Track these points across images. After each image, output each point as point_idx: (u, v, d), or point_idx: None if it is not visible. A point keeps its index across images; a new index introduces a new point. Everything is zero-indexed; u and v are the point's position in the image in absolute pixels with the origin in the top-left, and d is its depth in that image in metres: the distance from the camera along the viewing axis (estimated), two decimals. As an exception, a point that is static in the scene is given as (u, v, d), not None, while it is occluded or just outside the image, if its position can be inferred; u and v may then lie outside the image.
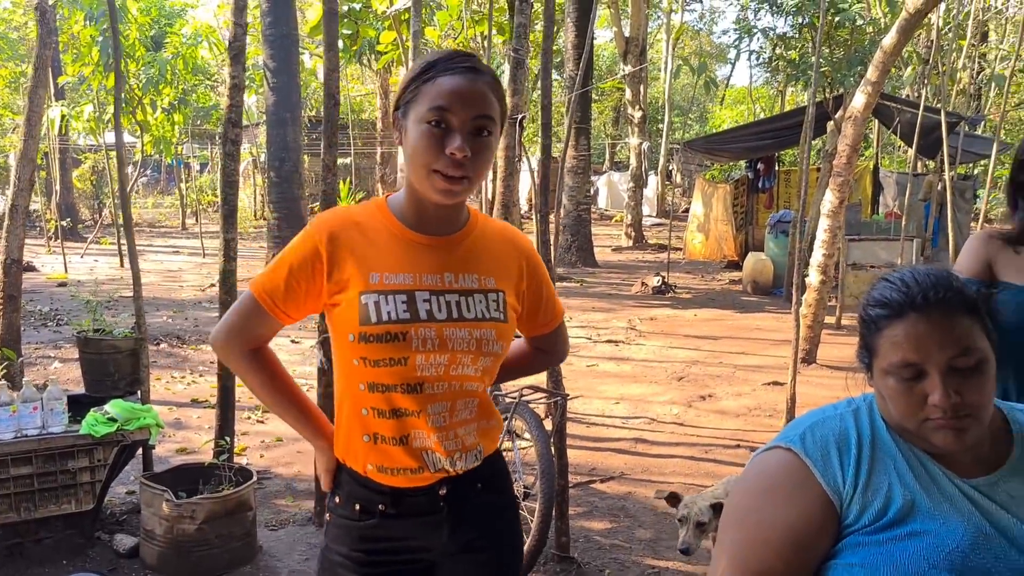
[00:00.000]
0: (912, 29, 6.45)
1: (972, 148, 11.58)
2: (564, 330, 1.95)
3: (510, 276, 1.72)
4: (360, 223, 1.65)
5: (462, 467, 1.67)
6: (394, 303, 1.58)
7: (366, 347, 1.58)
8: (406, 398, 1.60)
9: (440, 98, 1.52)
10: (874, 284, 1.55)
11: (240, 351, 1.69)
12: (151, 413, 3.98)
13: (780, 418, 5.92)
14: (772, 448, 1.57)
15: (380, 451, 1.63)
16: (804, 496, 1.48)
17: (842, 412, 1.58)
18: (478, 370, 1.64)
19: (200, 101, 16.69)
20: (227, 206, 4.40)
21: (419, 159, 1.55)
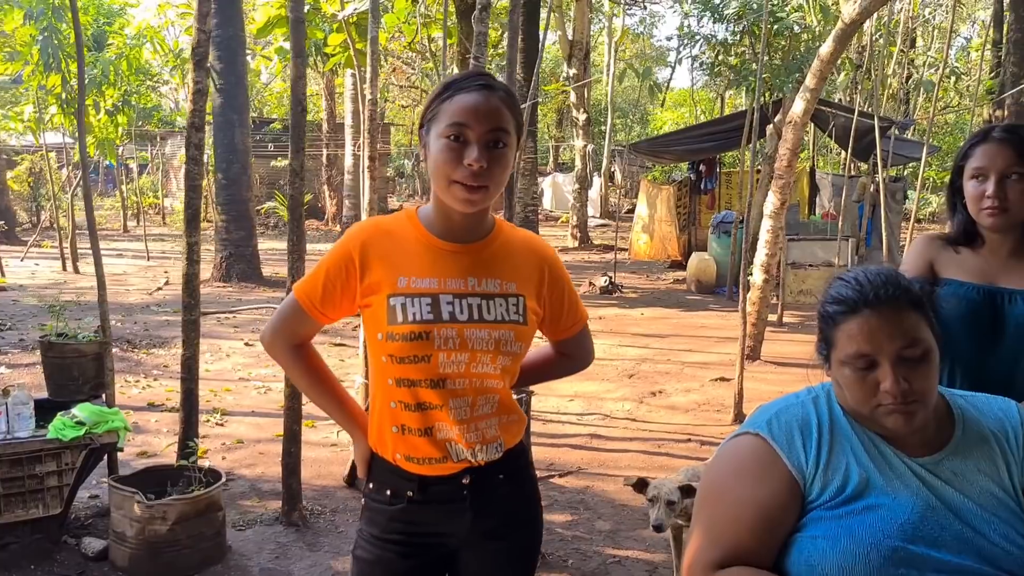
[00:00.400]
0: (848, 38, 6.75)
1: (902, 151, 12.05)
2: (588, 335, 2.06)
3: (531, 282, 1.85)
4: (391, 232, 1.79)
5: (483, 458, 1.80)
6: (419, 305, 1.72)
7: (393, 345, 1.72)
8: (430, 393, 1.74)
9: (457, 114, 1.66)
10: (831, 283, 1.71)
11: (284, 347, 1.88)
12: (119, 416, 4.01)
13: (728, 413, 6.15)
14: (742, 434, 1.73)
15: (407, 442, 1.77)
16: (772, 477, 1.63)
17: (803, 400, 1.75)
18: (497, 368, 1.77)
19: (141, 102, 16.42)
20: (190, 209, 4.44)
21: (440, 171, 1.68)
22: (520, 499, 1.91)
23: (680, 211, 15.22)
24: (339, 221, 21.05)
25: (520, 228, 1.98)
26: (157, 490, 3.89)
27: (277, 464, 4.94)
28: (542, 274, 1.87)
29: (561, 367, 2.11)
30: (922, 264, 2.44)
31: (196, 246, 4.46)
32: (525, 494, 1.93)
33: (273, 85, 25.24)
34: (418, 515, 1.81)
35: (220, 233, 12.40)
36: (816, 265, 11.15)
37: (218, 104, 12.20)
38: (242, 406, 6.36)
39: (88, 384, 4.36)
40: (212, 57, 12.04)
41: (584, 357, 2.10)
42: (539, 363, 2.06)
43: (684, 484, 3.35)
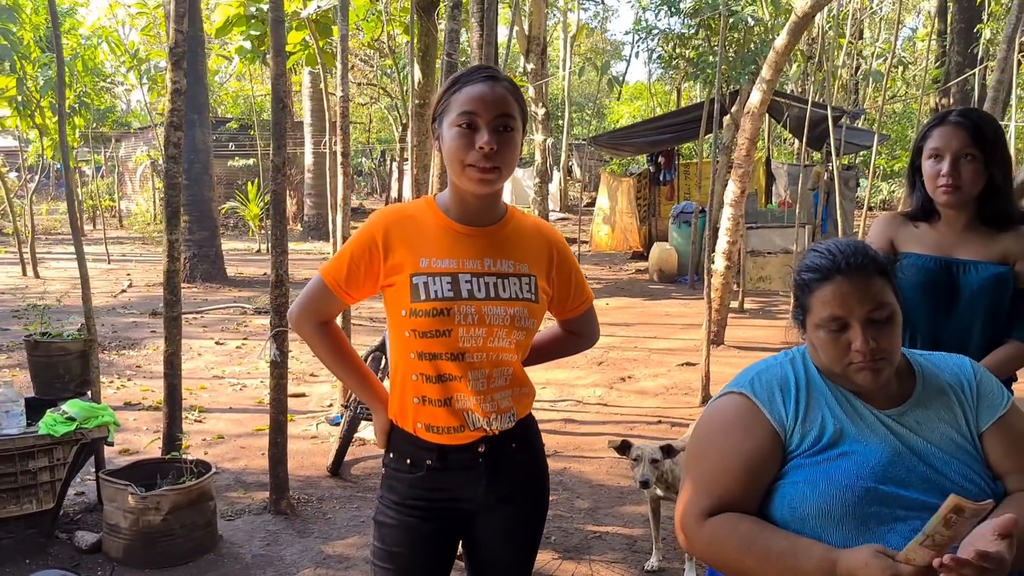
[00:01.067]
0: (801, 30, 6.99)
1: (853, 140, 12.39)
2: (594, 314, 2.21)
3: (541, 263, 2.01)
4: (412, 216, 1.95)
5: (498, 427, 1.95)
6: (440, 283, 1.87)
7: (416, 320, 1.86)
8: (451, 365, 1.89)
9: (466, 104, 1.83)
10: (805, 254, 1.89)
11: (311, 324, 2.02)
12: (108, 411, 4.08)
13: (695, 395, 6.36)
14: (727, 394, 1.89)
15: (428, 411, 1.92)
16: (756, 430, 1.80)
17: (781, 361, 1.92)
18: (512, 343, 1.92)
19: (96, 103, 16.23)
20: (170, 208, 4.53)
21: (455, 157, 1.84)
22: (531, 466, 2.07)
23: (640, 202, 15.46)
24: (300, 220, 20.97)
25: (530, 215, 2.14)
26: (146, 483, 3.95)
27: (259, 457, 5.05)
28: (551, 256, 2.03)
29: (570, 344, 2.26)
30: (883, 241, 2.65)
31: (177, 243, 4.54)
32: (535, 462, 2.09)
33: (228, 84, 25.04)
34: (437, 482, 1.96)
35: (184, 234, 12.32)
36: (774, 252, 11.44)
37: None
38: (219, 403, 6.42)
39: (74, 382, 4.41)
40: (171, 57, 11.98)
41: (591, 334, 2.25)
42: (550, 341, 2.23)
43: (665, 444, 3.53)
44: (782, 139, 21.72)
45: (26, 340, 4.47)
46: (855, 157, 15.33)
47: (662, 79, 28.42)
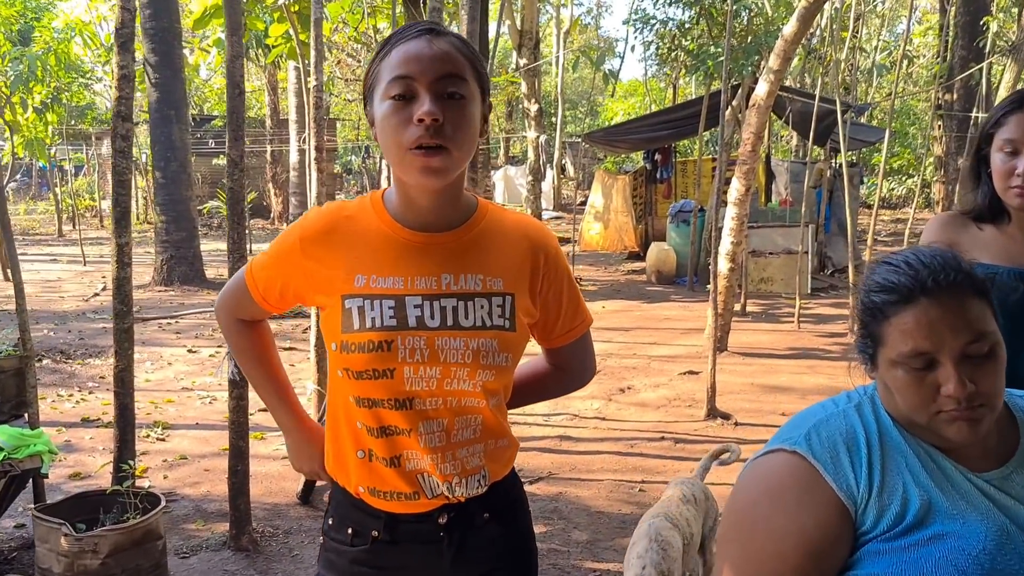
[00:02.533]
0: (811, 17, 6.55)
1: (857, 136, 11.98)
2: (589, 344, 1.71)
3: (523, 275, 1.51)
4: (352, 218, 1.48)
5: (463, 493, 1.48)
6: (380, 308, 1.41)
7: (348, 357, 1.41)
8: (395, 415, 1.43)
9: (398, 67, 1.35)
10: (873, 268, 1.44)
11: (230, 317, 1.66)
12: (42, 439, 3.61)
13: (700, 407, 5.92)
14: (774, 451, 1.44)
15: (373, 471, 1.46)
16: (816, 502, 1.36)
17: (844, 408, 1.47)
18: (476, 385, 1.44)
19: (74, 100, 15.71)
20: (119, 208, 4.05)
21: (390, 139, 1.36)
22: (510, 541, 1.58)
23: (636, 201, 15.02)
24: (285, 220, 20.51)
25: (511, 210, 1.63)
26: (89, 518, 3.50)
27: (224, 481, 4.55)
28: (537, 265, 1.53)
29: (553, 384, 1.75)
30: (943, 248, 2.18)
31: (127, 247, 4.06)
32: (517, 533, 1.60)
33: (213, 81, 24.54)
34: (385, 558, 1.49)
35: (160, 235, 11.85)
36: (776, 253, 11.01)
37: (154, 99, 11.65)
38: (185, 418, 5.94)
39: (8, 403, 3.93)
40: (146, 50, 11.51)
41: (582, 370, 1.73)
42: (527, 379, 1.72)
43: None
44: (778, 136, 21.33)
45: (-48, 357, 3.99)
46: (859, 154, 14.94)
47: (657, 75, 28.02)
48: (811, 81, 18.55)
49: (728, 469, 3.66)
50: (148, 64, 11.55)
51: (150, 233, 13.01)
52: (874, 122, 20.26)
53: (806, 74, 17.39)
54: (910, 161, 22.83)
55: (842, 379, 5.78)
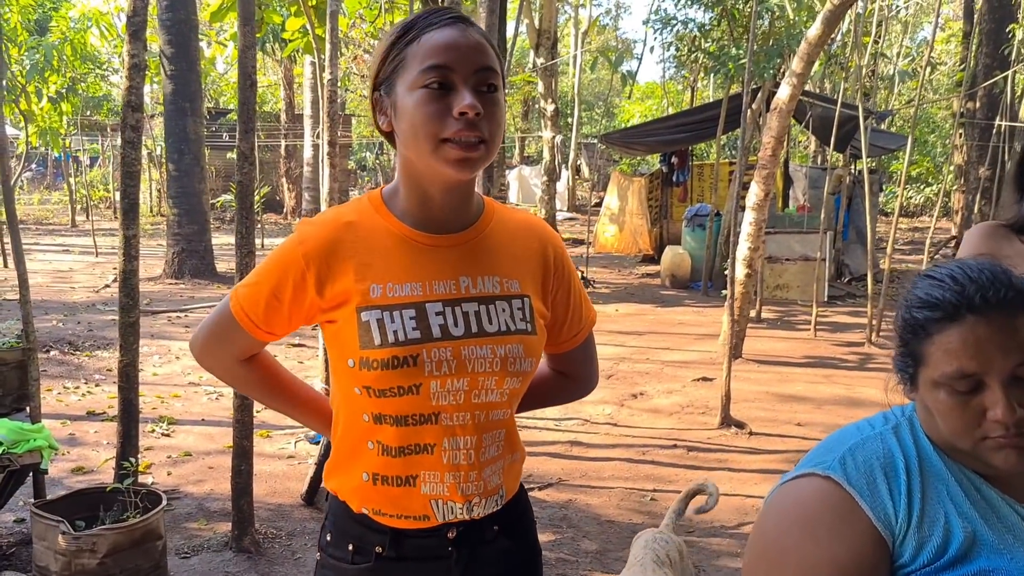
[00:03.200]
0: (837, 20, 6.42)
1: (878, 143, 11.83)
2: (594, 347, 1.63)
3: (536, 276, 1.44)
4: (353, 224, 1.36)
5: (480, 513, 1.39)
6: (401, 320, 1.31)
7: (370, 375, 1.30)
8: (418, 431, 1.33)
9: (434, 55, 1.26)
10: (915, 282, 1.34)
11: (224, 364, 1.46)
12: (43, 433, 3.54)
13: (714, 415, 5.80)
14: (806, 475, 1.34)
15: (381, 494, 1.36)
16: (851, 531, 1.27)
17: (881, 431, 1.37)
18: (504, 394, 1.37)
19: (90, 91, 15.71)
20: (127, 200, 3.97)
21: (423, 131, 1.27)
22: (520, 554, 1.50)
23: (652, 204, 14.90)
24: (298, 214, 20.48)
25: (515, 209, 1.55)
26: (88, 516, 3.43)
27: (227, 479, 4.47)
28: (547, 265, 1.46)
29: (560, 391, 1.66)
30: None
31: (134, 240, 3.98)
32: (526, 546, 1.52)
33: (229, 75, 24.55)
34: (389, 575, 1.40)
35: (172, 228, 11.82)
36: (793, 259, 10.88)
37: (169, 91, 11.61)
38: (191, 413, 5.87)
39: (10, 396, 3.86)
40: (162, 41, 11.47)
41: (589, 375, 1.65)
42: (532, 388, 1.62)
43: None
44: (796, 141, 21.16)
45: (-47, 348, 3.92)
46: (878, 161, 14.77)
47: (675, 78, 27.87)
48: (831, 86, 18.39)
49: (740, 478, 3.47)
50: (164, 56, 11.52)
51: (163, 226, 12.97)
52: (893, 129, 20.07)
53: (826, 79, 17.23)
54: (929, 169, 22.61)
55: (860, 389, 5.66)
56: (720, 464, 5.06)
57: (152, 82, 15.32)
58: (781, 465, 4.99)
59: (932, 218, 10.68)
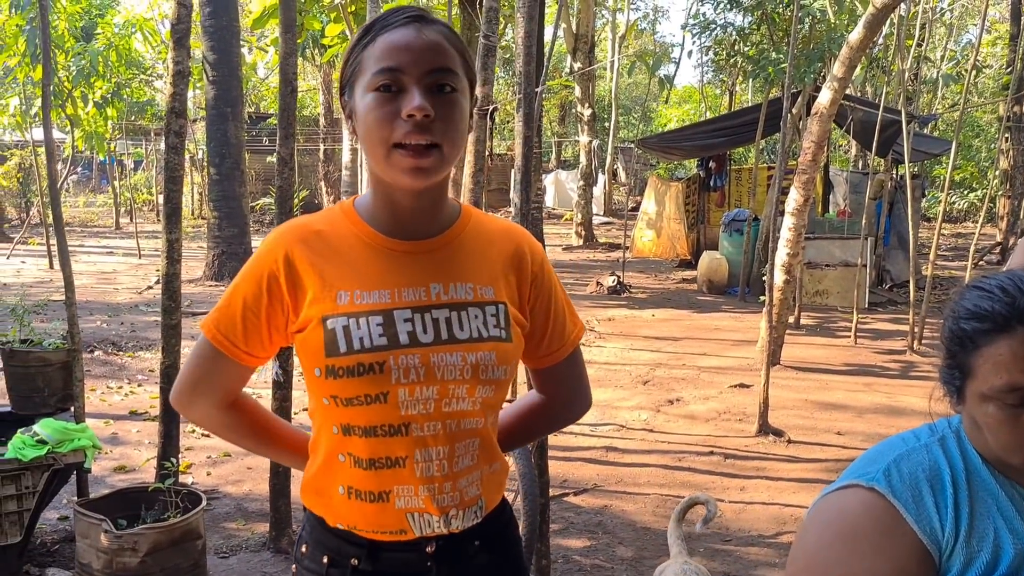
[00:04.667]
0: (879, 24, 6.33)
1: (921, 147, 11.65)
2: (581, 364, 1.56)
3: (511, 283, 1.40)
4: (321, 232, 1.35)
5: (458, 526, 1.36)
6: (367, 326, 1.28)
7: (336, 383, 1.28)
8: (388, 443, 1.31)
9: (385, 57, 1.24)
10: (963, 292, 1.31)
11: (211, 411, 1.43)
12: (86, 433, 3.60)
13: (751, 422, 5.75)
14: (849, 486, 1.32)
15: (355, 510, 1.34)
16: (896, 545, 1.24)
17: (927, 443, 1.34)
18: (476, 403, 1.34)
19: (135, 96, 15.98)
20: (170, 204, 4.03)
21: (374, 135, 1.25)
22: (502, 571, 1.47)
23: (689, 209, 14.80)
24: (337, 218, 20.63)
25: (495, 216, 1.52)
26: (130, 514, 3.48)
27: (265, 480, 4.52)
28: (525, 272, 1.42)
29: (545, 418, 1.60)
30: None
31: (177, 243, 4.03)
32: (509, 562, 1.49)
33: (270, 80, 24.83)
34: None
35: (212, 230, 11.98)
36: (833, 265, 10.74)
37: (211, 96, 11.78)
38: (231, 415, 5.94)
39: (55, 396, 3.94)
40: (204, 47, 11.64)
41: (574, 397, 1.57)
42: (515, 418, 1.59)
43: None
44: (836, 145, 20.91)
45: (1, 348, 4.01)
46: (922, 165, 14.55)
47: (713, 82, 27.68)
48: (872, 90, 18.16)
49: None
50: (206, 61, 11.68)
51: (204, 228, 13.15)
52: (936, 133, 19.74)
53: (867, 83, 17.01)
54: (973, 174, 22.21)
55: (901, 397, 5.56)
56: (758, 472, 5.01)
57: (195, 88, 15.53)
58: (821, 474, 4.92)
59: (976, 224, 10.47)
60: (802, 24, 9.65)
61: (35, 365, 3.89)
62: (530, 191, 3.11)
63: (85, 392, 4.24)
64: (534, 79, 3.53)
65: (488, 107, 3.99)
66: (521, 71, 3.51)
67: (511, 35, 17.75)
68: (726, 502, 4.56)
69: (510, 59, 24.00)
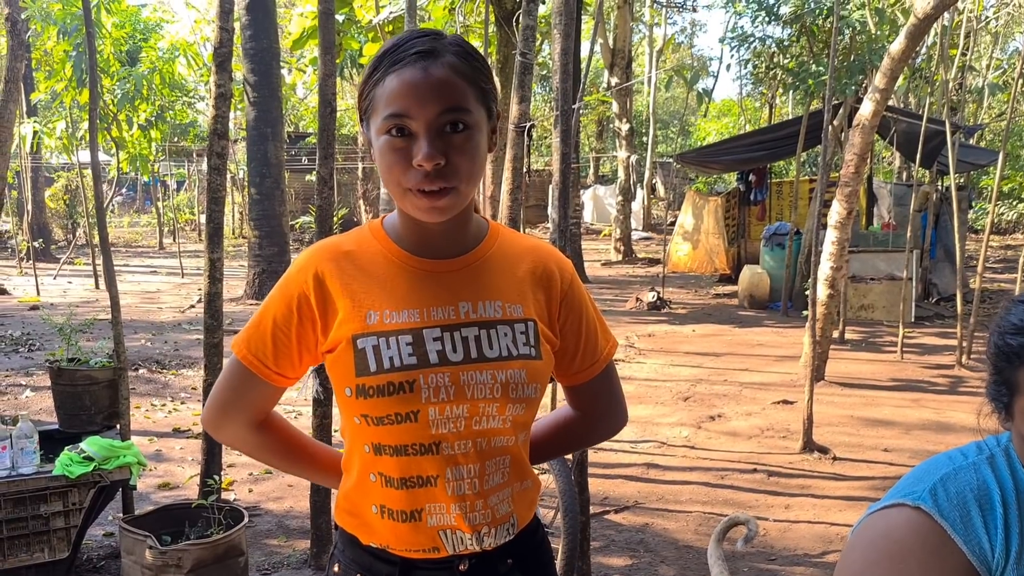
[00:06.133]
0: (921, 34, 6.25)
1: (967, 158, 11.45)
2: (615, 380, 1.54)
3: (540, 301, 1.39)
4: (351, 252, 1.35)
5: (491, 543, 1.35)
6: (397, 346, 1.29)
7: (366, 403, 1.28)
8: (419, 462, 1.30)
9: (392, 102, 1.23)
10: (1008, 307, 1.28)
11: (241, 431, 1.44)
12: (132, 450, 3.66)
13: (795, 439, 5.66)
14: (895, 505, 1.29)
15: (388, 528, 1.34)
16: (943, 565, 1.21)
17: (974, 461, 1.30)
18: (507, 421, 1.33)
19: (177, 118, 16.31)
20: (212, 224, 4.09)
21: (390, 178, 1.26)
22: None
23: (729, 223, 14.68)
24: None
25: (523, 234, 1.52)
26: (174, 531, 3.53)
27: (306, 497, 4.55)
28: (554, 290, 1.41)
29: (577, 433, 1.58)
30: None
31: (219, 262, 4.10)
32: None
33: (309, 100, 25.17)
34: None
35: (253, 249, 12.15)
36: (878, 279, 10.57)
37: (252, 117, 11.98)
38: (272, 432, 5.99)
39: (101, 414, 4.00)
40: (245, 69, 11.84)
41: (608, 413, 1.55)
42: (547, 431, 1.57)
43: None
44: (881, 157, 20.62)
45: (49, 366, 4.09)
46: (968, 177, 14.29)
47: (752, 95, 27.50)
48: (916, 101, 17.90)
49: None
50: (247, 83, 11.89)
51: (244, 247, 13.34)
52: (983, 144, 19.39)
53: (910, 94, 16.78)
54: (1022, 185, 21.76)
55: (950, 413, 5.45)
56: (802, 490, 4.93)
57: (236, 109, 15.80)
58: (867, 492, 4.82)
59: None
60: (842, 35, 9.55)
61: (82, 383, 3.96)
62: (568, 207, 3.10)
63: (130, 409, 4.30)
64: (571, 95, 3.54)
65: (525, 124, 3.99)
66: (558, 88, 3.52)
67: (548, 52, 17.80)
68: (770, 520, 4.49)
69: (547, 76, 24.07)
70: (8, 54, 5.31)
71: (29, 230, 15.38)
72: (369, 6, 11.26)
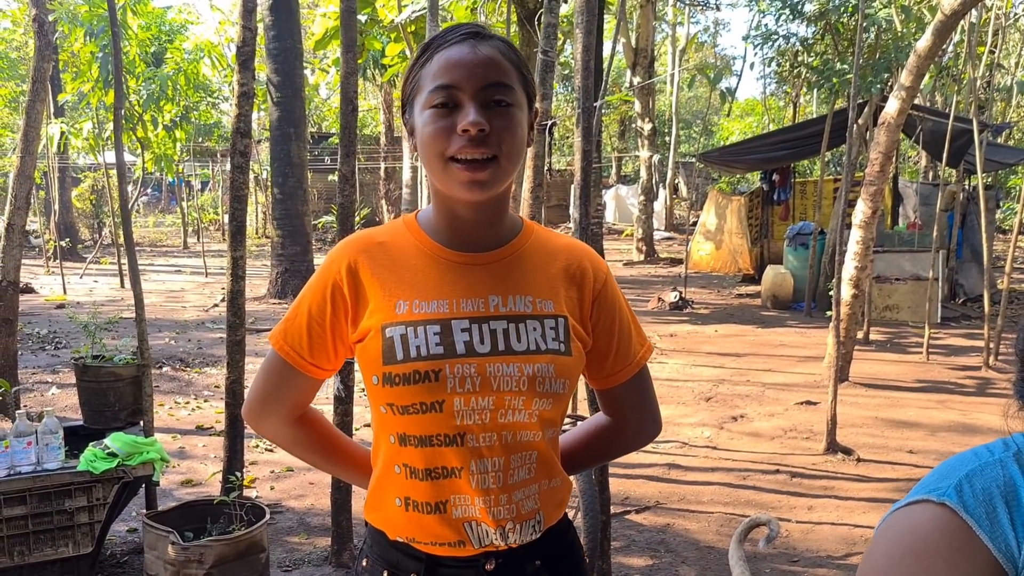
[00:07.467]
0: (948, 31, 6.17)
1: (994, 157, 11.30)
2: (649, 385, 1.52)
3: (573, 299, 1.39)
4: (384, 244, 1.36)
5: (516, 540, 1.34)
6: (424, 335, 1.29)
7: (392, 391, 1.28)
8: (444, 453, 1.30)
9: (440, 75, 1.25)
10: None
11: (280, 425, 1.45)
12: (155, 447, 3.68)
13: (819, 440, 5.61)
14: (919, 502, 1.26)
15: (413, 520, 1.33)
16: (969, 563, 1.18)
17: (1001, 457, 1.27)
18: (533, 415, 1.31)
19: (202, 118, 16.45)
20: (235, 223, 4.12)
21: (430, 149, 1.26)
22: None
23: (752, 223, 14.58)
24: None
25: (559, 233, 1.50)
26: (196, 527, 3.55)
27: (327, 495, 4.58)
28: (586, 289, 1.40)
29: (610, 441, 1.55)
30: None
31: (241, 261, 4.12)
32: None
33: (332, 100, 25.29)
34: None
35: (276, 248, 12.22)
36: (903, 279, 10.46)
37: (275, 117, 12.04)
38: (294, 430, 6.02)
39: (125, 410, 4.04)
40: (269, 70, 11.91)
41: (641, 419, 1.52)
42: (580, 440, 1.56)
43: None
44: (904, 156, 20.41)
45: (74, 363, 4.13)
46: (995, 175, 14.11)
47: (776, 93, 27.32)
48: (943, 99, 17.72)
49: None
50: (271, 83, 11.95)
51: (267, 246, 13.42)
52: (1011, 142, 19.14)
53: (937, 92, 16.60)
54: (1050, 184, 21.47)
55: (977, 415, 5.37)
56: (826, 491, 4.88)
57: (259, 109, 15.90)
58: (892, 494, 4.77)
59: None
60: (867, 33, 9.46)
61: (107, 380, 4.00)
62: (590, 206, 3.09)
63: (154, 407, 4.34)
64: (593, 94, 3.52)
65: (547, 122, 3.98)
66: (580, 86, 3.51)
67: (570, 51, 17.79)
68: (793, 522, 4.45)
69: (569, 75, 24.05)
70: (35, 55, 5.36)
71: (56, 229, 15.57)
72: (392, 6, 11.28)
